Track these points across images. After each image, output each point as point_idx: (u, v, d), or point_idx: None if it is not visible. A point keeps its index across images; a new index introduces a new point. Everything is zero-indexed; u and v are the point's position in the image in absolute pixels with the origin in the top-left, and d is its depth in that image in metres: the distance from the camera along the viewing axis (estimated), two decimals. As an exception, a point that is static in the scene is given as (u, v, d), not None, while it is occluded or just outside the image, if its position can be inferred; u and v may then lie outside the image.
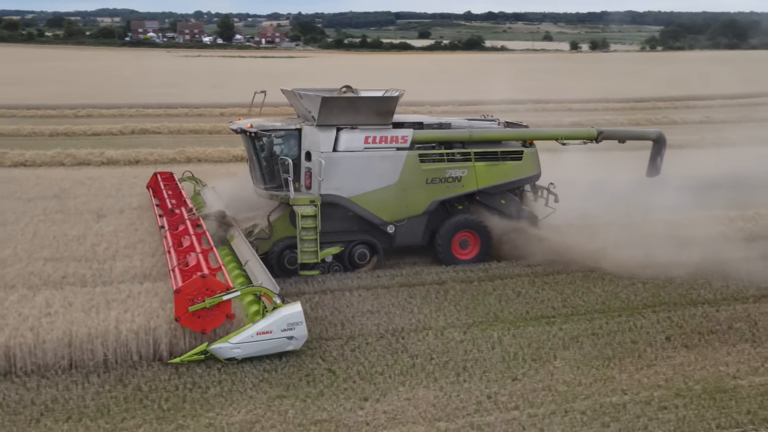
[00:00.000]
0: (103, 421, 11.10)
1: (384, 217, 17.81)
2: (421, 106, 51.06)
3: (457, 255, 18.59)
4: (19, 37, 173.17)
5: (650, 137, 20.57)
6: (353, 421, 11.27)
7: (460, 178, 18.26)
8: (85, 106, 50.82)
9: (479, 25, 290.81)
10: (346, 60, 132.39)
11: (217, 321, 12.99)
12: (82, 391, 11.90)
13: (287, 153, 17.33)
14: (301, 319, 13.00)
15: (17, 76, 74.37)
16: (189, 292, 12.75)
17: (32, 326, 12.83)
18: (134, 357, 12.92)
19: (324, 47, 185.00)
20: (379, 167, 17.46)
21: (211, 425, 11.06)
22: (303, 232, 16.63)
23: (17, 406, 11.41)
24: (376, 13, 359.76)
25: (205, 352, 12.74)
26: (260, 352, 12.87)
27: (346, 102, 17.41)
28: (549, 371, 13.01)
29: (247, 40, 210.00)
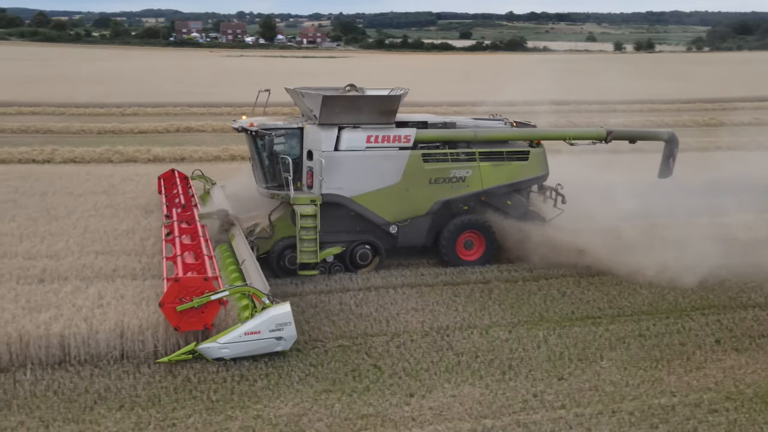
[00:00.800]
0: (154, 410, 11.33)
1: (386, 217, 17.61)
2: (462, 107, 51.02)
3: (462, 256, 18.31)
4: (67, 37, 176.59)
5: (662, 138, 20.08)
6: (399, 416, 11.33)
7: (465, 178, 17.97)
8: (132, 104, 51.66)
9: (521, 25, 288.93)
10: (386, 60, 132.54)
11: (195, 326, 12.93)
12: (134, 380, 12.16)
13: (289, 152, 17.14)
14: (289, 320, 12.82)
15: (66, 75, 75.87)
16: (186, 287, 12.83)
17: (86, 317, 13.16)
18: None
19: (365, 47, 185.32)
20: (382, 167, 17.26)
21: (259, 417, 11.21)
22: (302, 231, 16.57)
23: (72, 393, 11.70)
24: (417, 13, 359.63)
25: (194, 352, 12.69)
26: (249, 353, 12.73)
27: (348, 101, 17.29)
28: (595, 371, 12.91)
29: (289, 40, 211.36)
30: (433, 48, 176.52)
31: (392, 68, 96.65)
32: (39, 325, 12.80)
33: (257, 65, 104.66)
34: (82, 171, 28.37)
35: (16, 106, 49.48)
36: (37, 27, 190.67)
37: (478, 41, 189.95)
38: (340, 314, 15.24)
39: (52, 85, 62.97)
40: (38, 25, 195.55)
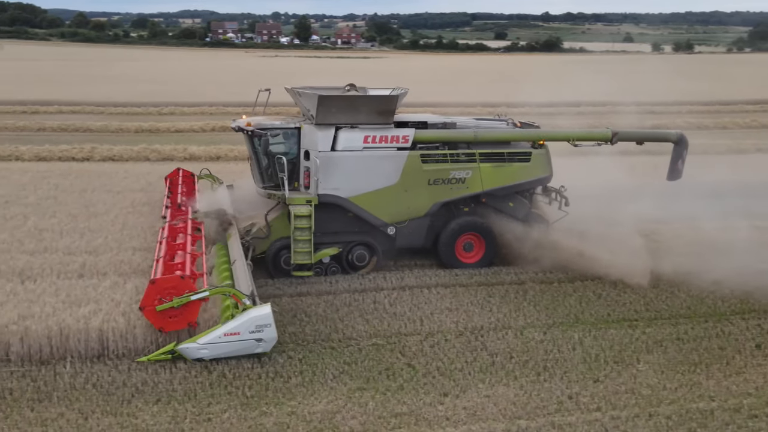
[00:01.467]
0: (190, 405, 11.45)
1: (384, 218, 17.42)
2: (495, 107, 50.71)
3: (461, 258, 18.06)
4: (105, 38, 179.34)
5: (670, 139, 19.47)
6: (433, 415, 11.31)
7: (464, 179, 17.70)
8: (169, 104, 52.32)
9: (557, 26, 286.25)
10: (420, 61, 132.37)
11: (178, 325, 12.94)
12: (170, 375, 12.30)
13: (287, 152, 17.07)
14: (269, 322, 12.68)
15: (104, 75, 77.05)
16: (163, 287, 12.77)
17: (124, 312, 13.38)
18: None
19: (399, 48, 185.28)
20: (379, 167, 17.08)
21: (293, 413, 11.27)
22: (297, 232, 16.48)
23: (110, 386, 11.88)
24: (452, 14, 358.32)
25: (173, 352, 12.65)
26: (228, 354, 12.63)
27: (344, 101, 17.17)
28: (632, 374, 12.75)
29: (323, 40, 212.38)
30: (468, 49, 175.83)
31: (425, 69, 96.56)
32: (78, 319, 13.04)
33: (291, 65, 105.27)
34: (120, 169, 28.83)
35: (56, 105, 50.50)
36: (77, 28, 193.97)
37: (513, 42, 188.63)
38: (374, 313, 15.26)
39: (91, 84, 64.02)
40: (78, 26, 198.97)
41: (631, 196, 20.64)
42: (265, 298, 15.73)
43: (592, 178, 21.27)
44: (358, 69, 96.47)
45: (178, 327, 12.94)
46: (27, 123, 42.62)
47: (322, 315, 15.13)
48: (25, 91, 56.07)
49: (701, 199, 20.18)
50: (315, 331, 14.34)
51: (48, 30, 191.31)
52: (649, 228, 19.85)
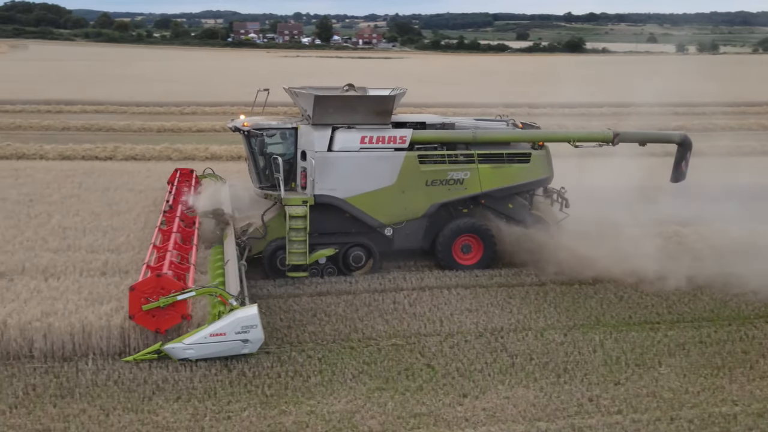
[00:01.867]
0: (210, 402, 11.51)
1: (381, 219, 17.27)
2: (518, 108, 50.52)
3: (459, 260, 17.89)
4: (129, 38, 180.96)
5: (674, 140, 19.18)
6: (452, 416, 11.28)
7: (463, 180, 17.51)
8: (190, 103, 52.62)
9: (580, 26, 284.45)
10: (441, 61, 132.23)
11: (173, 321, 12.95)
12: (191, 373, 12.36)
13: (284, 152, 17.01)
14: (256, 323, 12.59)
15: (127, 75, 77.69)
16: (143, 290, 12.75)
17: (145, 309, 13.43)
18: None
19: (421, 48, 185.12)
20: (376, 168, 16.95)
21: (313, 413, 11.29)
22: (292, 232, 16.41)
23: (131, 383, 11.97)
24: (473, 14, 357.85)
25: (159, 352, 12.62)
26: (214, 354, 12.57)
27: (341, 101, 17.04)
28: (653, 377, 12.64)
29: (345, 41, 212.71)
30: (489, 49, 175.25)
31: (447, 69, 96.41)
32: (101, 316, 13.17)
33: (312, 66, 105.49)
34: (143, 168, 29.07)
35: (80, 105, 50.97)
36: (101, 28, 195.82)
37: (535, 42, 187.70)
38: (393, 313, 15.26)
39: (115, 84, 64.55)
40: (102, 27, 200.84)
41: (654, 197, 20.43)
42: (284, 298, 15.94)
43: (621, 179, 21.10)
44: (379, 69, 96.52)
45: (173, 323, 12.97)
46: (52, 122, 43.00)
47: (341, 314, 15.15)
48: (49, 90, 56.70)
49: (725, 201, 19.96)
50: (335, 331, 14.36)
51: (72, 30, 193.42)
52: (673, 230, 19.63)
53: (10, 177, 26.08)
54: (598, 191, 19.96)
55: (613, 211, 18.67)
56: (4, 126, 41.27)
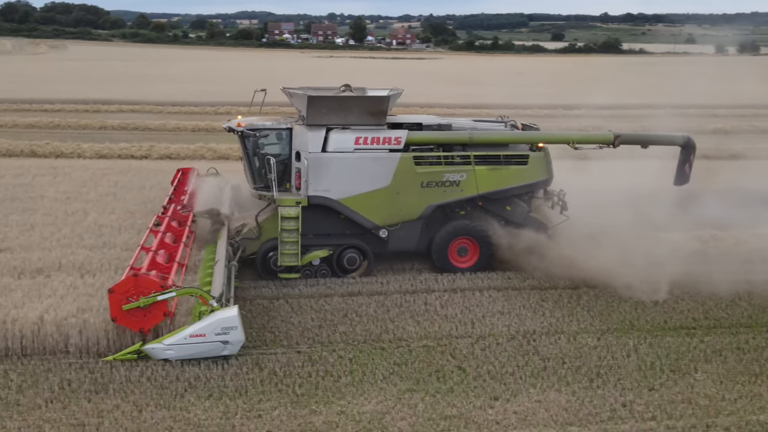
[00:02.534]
0: (241, 401, 11.57)
1: (376, 220, 17.06)
2: (553, 109, 50.18)
3: (455, 263, 17.61)
4: (165, 39, 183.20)
5: (677, 143, 18.59)
6: (483, 419, 11.20)
7: (459, 182, 17.23)
8: (225, 103, 52.95)
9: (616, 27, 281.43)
10: (476, 62, 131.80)
11: (155, 320, 12.93)
12: (222, 371, 12.46)
13: (279, 153, 16.97)
14: (236, 324, 12.54)
15: (163, 75, 78.67)
16: (122, 291, 12.72)
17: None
18: (267, 342, 13.67)
19: (455, 49, 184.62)
20: (371, 169, 16.76)
21: (343, 413, 11.30)
22: (284, 233, 16.35)
23: (163, 380, 12.08)
24: (508, 14, 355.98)
25: (139, 352, 12.64)
26: (194, 355, 12.52)
27: (335, 101, 16.91)
28: (689, 383, 12.43)
29: (378, 41, 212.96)
30: (524, 50, 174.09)
31: (478, 70, 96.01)
32: (135, 313, 13.28)
33: (346, 66, 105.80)
34: (177, 167, 29.29)
35: (117, 104, 51.67)
36: (138, 29, 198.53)
37: (570, 43, 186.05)
38: (425, 314, 15.22)
39: (151, 84, 65.41)
40: (139, 27, 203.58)
41: (689, 201, 20.09)
42: (315, 297, 15.96)
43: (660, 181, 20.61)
44: (412, 70, 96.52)
45: (156, 322, 12.96)
46: (89, 121, 43.60)
47: (372, 315, 15.14)
48: (87, 90, 57.50)
49: (763, 206, 19.61)
50: (366, 331, 14.36)
51: (110, 31, 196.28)
52: (708, 234, 19.29)
53: (49, 175, 26.49)
54: (632, 194, 19.65)
55: (652, 213, 18.49)
56: (43, 125, 41.97)
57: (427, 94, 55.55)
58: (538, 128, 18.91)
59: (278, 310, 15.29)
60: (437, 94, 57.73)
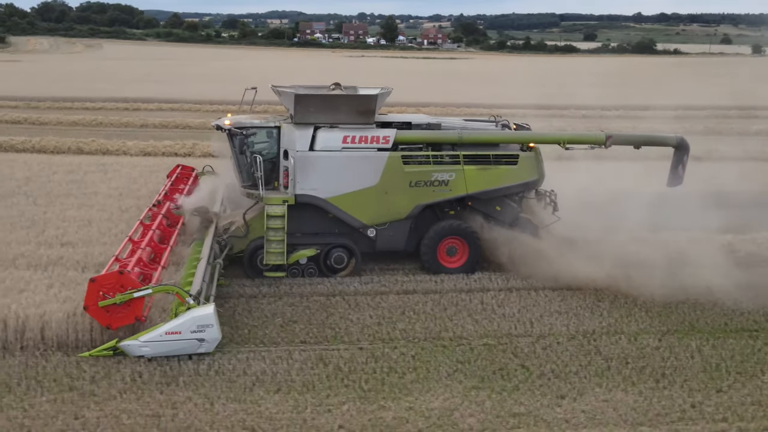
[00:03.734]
0: (309, 395, 11.72)
1: (363, 219, 16.99)
2: (591, 110, 49.75)
3: (443, 263, 17.45)
4: (198, 38, 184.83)
5: (670, 143, 18.40)
6: (552, 417, 11.23)
7: (448, 181, 17.09)
8: (261, 102, 53.27)
9: (650, 27, 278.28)
10: (508, 62, 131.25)
11: (126, 320, 12.89)
12: (288, 366, 12.64)
13: (267, 151, 16.88)
14: (212, 322, 12.53)
15: (201, 74, 79.43)
16: (103, 284, 12.74)
17: (242, 302, 13.73)
18: (328, 338, 13.88)
19: (486, 49, 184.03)
20: (359, 168, 16.68)
21: (411, 409, 11.38)
22: (270, 232, 16.32)
23: (231, 374, 12.30)
24: (539, 14, 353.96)
25: (115, 348, 12.62)
26: (169, 353, 12.52)
27: (322, 100, 16.83)
28: (757, 386, 12.33)
29: (409, 41, 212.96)
30: (556, 50, 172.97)
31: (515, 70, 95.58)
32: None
33: (377, 65, 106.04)
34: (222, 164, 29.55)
35: (156, 102, 52.29)
36: (171, 28, 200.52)
37: (603, 43, 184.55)
38: (482, 313, 15.27)
39: (189, 83, 66.18)
40: (172, 27, 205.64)
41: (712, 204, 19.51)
42: (371, 295, 16.07)
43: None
44: (444, 70, 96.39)
45: (126, 322, 12.90)
46: (131, 119, 44.22)
47: (430, 313, 15.23)
48: (126, 88, 58.34)
49: None
50: (425, 329, 14.45)
51: (144, 30, 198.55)
52: (731, 239, 18.74)
53: (99, 171, 26.98)
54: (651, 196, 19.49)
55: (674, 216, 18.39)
56: (86, 122, 42.61)
57: (465, 93, 55.49)
58: (530, 128, 18.80)
59: (335, 307, 15.46)
60: (476, 93, 57.38)
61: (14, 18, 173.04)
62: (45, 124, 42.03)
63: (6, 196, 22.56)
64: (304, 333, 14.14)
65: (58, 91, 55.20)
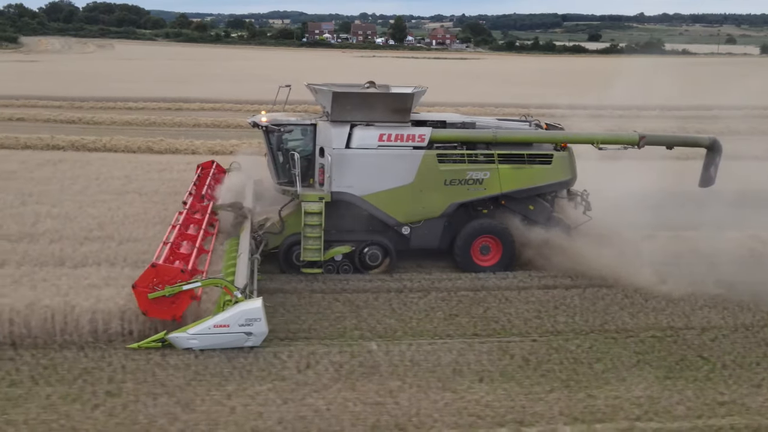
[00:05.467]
0: (512, 384, 12.09)
1: (398, 217, 17.16)
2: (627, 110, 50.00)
3: (477, 261, 17.62)
4: (208, 38, 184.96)
5: (703, 144, 18.69)
6: (757, 404, 11.56)
7: (482, 180, 17.24)
8: (298, 102, 53.10)
9: (653, 27, 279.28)
10: (520, 62, 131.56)
11: (183, 306, 13.06)
12: (476, 357, 13.05)
13: (303, 148, 17.05)
14: (259, 316, 12.67)
15: (223, 74, 79.61)
16: (145, 284, 12.86)
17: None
18: (499, 330, 14.32)
19: (495, 49, 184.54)
20: (394, 166, 16.84)
21: (619, 397, 11.74)
22: (307, 229, 16.51)
23: (427, 364, 12.68)
24: (542, 15, 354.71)
25: (163, 340, 12.73)
26: (217, 345, 12.63)
27: (359, 98, 16.99)
28: None
29: (418, 41, 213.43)
30: (565, 50, 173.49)
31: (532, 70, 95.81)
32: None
33: (390, 65, 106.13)
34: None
35: (197, 102, 51.96)
36: (180, 28, 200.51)
37: (612, 44, 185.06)
38: (632, 307, 15.63)
39: (221, 82, 66.69)
40: (181, 27, 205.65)
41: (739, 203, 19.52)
42: (514, 290, 16.44)
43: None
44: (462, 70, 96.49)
45: (162, 317, 13.01)
46: (182, 119, 44.11)
47: (580, 306, 15.64)
48: (155, 88, 58.38)
49: None
50: (585, 322, 14.85)
51: (153, 30, 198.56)
52: None
53: (188, 170, 27.07)
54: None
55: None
56: (140, 122, 42.70)
57: (490, 94, 55.62)
58: (563, 128, 18.97)
59: (486, 301, 15.84)
60: (502, 94, 57.43)
61: (24, 18, 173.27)
62: (99, 124, 42.28)
63: (121, 193, 22.79)
64: (471, 326, 14.54)
65: (93, 92, 55.06)
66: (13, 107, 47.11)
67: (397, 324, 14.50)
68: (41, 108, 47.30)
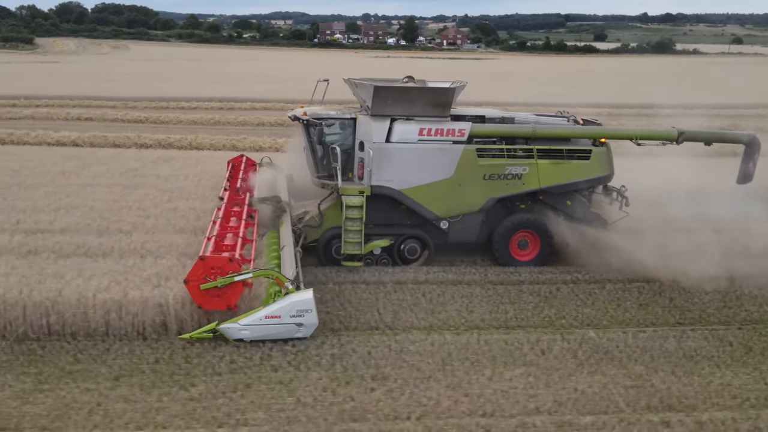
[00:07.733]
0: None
1: (437, 212, 17.33)
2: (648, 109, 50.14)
3: (516, 256, 17.87)
4: (220, 39, 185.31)
5: (742, 140, 18.52)
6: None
7: (521, 175, 17.31)
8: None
9: (656, 27, 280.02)
10: (536, 62, 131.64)
11: (237, 294, 13.23)
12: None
13: (342, 142, 17.03)
14: (310, 307, 12.80)
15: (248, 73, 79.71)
16: (197, 278, 13.02)
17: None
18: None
19: (506, 49, 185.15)
20: (434, 160, 16.88)
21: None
22: (348, 222, 16.74)
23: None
24: (544, 15, 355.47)
25: (214, 331, 12.84)
26: (268, 336, 12.77)
27: (399, 92, 16.99)
28: None
29: (429, 41, 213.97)
30: (577, 51, 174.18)
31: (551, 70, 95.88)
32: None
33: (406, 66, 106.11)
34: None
35: (247, 102, 52.08)
36: (192, 29, 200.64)
37: (623, 44, 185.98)
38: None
39: (251, 82, 66.76)
40: (192, 28, 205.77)
41: None
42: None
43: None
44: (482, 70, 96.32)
45: (218, 307, 13.17)
46: (246, 118, 44.08)
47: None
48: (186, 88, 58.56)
49: None
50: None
51: (165, 31, 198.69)
52: None
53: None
54: None
55: None
56: (206, 121, 42.82)
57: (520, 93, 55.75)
58: (600, 124, 19.05)
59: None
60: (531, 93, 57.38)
61: (38, 19, 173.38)
62: (166, 123, 42.63)
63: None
64: (668, 315, 15.08)
65: (141, 92, 55.34)
66: (69, 107, 47.28)
67: (596, 313, 14.98)
68: (95, 108, 47.47)
